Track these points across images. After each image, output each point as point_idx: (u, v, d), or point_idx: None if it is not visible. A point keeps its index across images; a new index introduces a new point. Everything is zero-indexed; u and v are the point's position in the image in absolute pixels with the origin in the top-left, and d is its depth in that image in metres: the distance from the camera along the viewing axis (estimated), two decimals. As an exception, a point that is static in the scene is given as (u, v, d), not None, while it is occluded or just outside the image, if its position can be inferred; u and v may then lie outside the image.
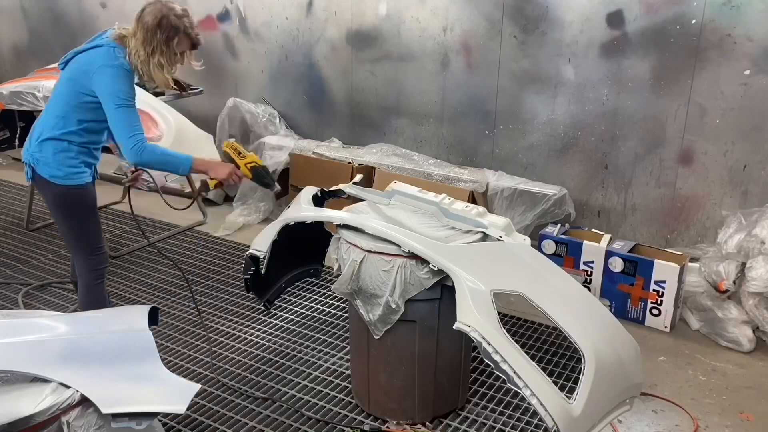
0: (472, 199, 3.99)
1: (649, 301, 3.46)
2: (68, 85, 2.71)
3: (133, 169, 2.88)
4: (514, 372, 2.05)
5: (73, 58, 2.74)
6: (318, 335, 3.37)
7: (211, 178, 2.78)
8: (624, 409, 2.33)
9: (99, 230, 2.88)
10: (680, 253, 3.50)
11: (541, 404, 2.02)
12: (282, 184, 4.85)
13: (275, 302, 3.44)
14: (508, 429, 2.71)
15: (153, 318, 2.27)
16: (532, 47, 4.03)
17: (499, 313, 2.22)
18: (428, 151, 4.57)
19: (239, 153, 2.81)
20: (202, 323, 3.44)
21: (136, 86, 4.25)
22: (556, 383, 2.95)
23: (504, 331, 2.15)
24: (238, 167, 2.80)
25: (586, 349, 2.18)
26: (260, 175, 2.84)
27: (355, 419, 2.75)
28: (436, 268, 2.35)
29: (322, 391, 2.93)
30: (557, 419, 2.01)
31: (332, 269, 2.91)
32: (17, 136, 4.77)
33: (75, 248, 2.88)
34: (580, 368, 2.17)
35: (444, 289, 2.44)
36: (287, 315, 3.56)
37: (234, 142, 2.88)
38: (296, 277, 3.27)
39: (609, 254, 3.54)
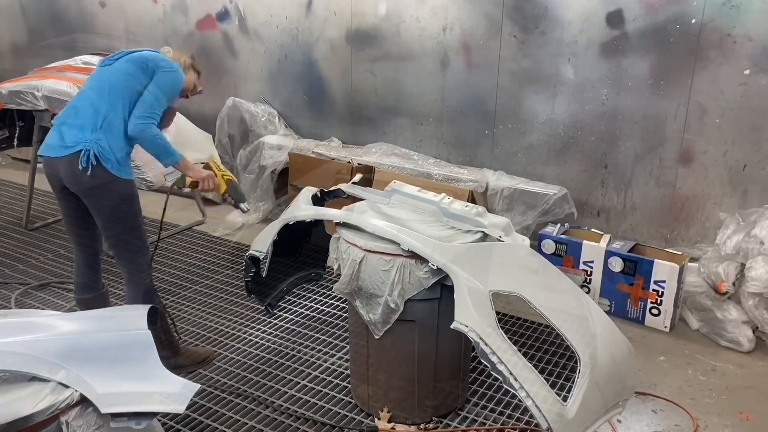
0: (472, 198, 3.98)
1: (649, 300, 3.45)
2: (125, 78, 2.75)
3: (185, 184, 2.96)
4: (511, 373, 2.05)
5: (124, 56, 2.83)
6: (317, 335, 3.37)
7: (191, 177, 2.90)
8: (616, 411, 2.33)
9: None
10: (680, 253, 3.50)
11: (536, 406, 2.02)
12: (281, 183, 4.85)
13: (277, 304, 3.43)
14: (507, 429, 2.71)
15: (152, 318, 2.27)
16: (532, 47, 4.03)
17: (497, 313, 2.22)
18: (428, 150, 4.57)
19: (218, 167, 3.05)
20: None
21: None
22: (554, 384, 2.97)
23: (501, 331, 2.15)
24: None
25: (582, 351, 2.18)
26: (234, 190, 3.05)
27: (355, 419, 2.75)
28: (435, 268, 2.34)
29: (321, 391, 2.93)
30: (551, 421, 2.01)
31: (332, 269, 2.91)
32: (16, 135, 4.76)
33: (139, 251, 2.85)
34: (577, 369, 2.17)
35: (443, 288, 2.43)
36: (287, 315, 3.56)
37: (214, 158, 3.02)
38: (297, 281, 3.27)
39: (609, 254, 3.54)
